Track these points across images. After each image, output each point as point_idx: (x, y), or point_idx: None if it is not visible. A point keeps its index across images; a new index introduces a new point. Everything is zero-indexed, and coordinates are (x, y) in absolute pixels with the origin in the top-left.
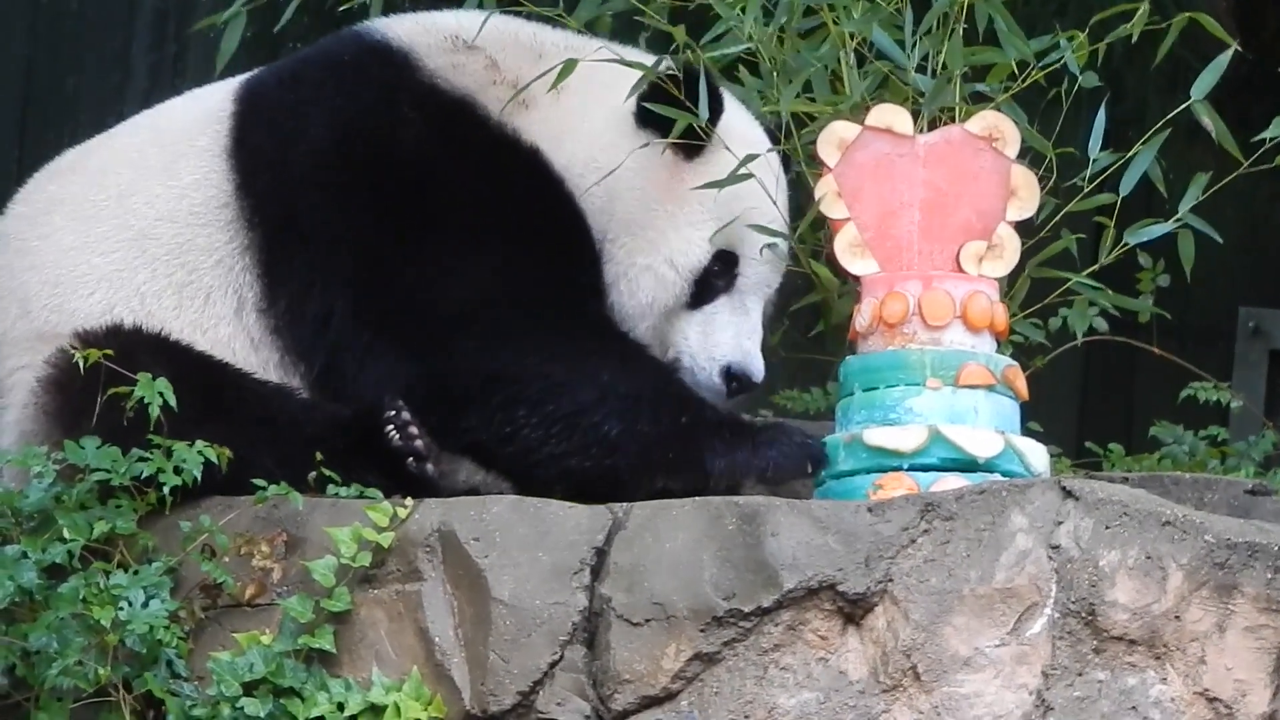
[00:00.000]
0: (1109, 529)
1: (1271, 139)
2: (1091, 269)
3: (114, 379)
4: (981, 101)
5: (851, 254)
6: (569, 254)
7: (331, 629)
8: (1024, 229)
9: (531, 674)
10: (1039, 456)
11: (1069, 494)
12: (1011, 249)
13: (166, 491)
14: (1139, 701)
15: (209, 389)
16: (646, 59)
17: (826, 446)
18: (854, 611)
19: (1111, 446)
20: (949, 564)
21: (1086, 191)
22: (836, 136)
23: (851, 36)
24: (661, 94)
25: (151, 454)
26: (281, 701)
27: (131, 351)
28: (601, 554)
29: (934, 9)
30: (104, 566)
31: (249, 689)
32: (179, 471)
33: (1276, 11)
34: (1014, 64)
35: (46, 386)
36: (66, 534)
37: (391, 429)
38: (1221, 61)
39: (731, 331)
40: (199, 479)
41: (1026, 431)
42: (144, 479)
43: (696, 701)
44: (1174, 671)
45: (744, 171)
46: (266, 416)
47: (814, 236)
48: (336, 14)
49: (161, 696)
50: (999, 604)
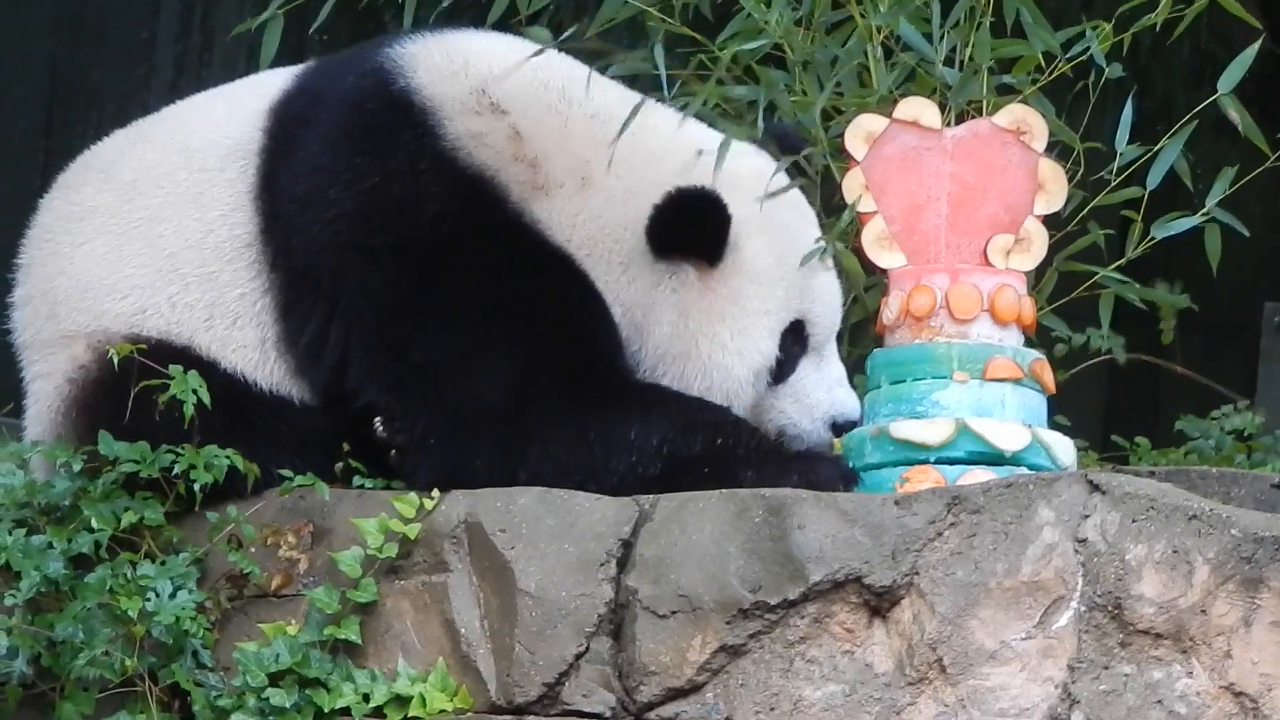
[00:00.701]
0: (1135, 523)
1: None
2: (1119, 263)
3: (144, 378)
4: (1009, 94)
5: (879, 247)
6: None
7: (357, 620)
8: (1051, 222)
9: (557, 665)
10: (1065, 450)
11: (1095, 488)
12: (1039, 242)
13: (197, 488)
14: (1165, 695)
15: (230, 400)
16: (674, 117)
17: (852, 445)
18: (880, 604)
19: (1138, 440)
20: (975, 557)
21: (1114, 185)
22: (864, 130)
23: (878, 30)
24: (671, 214)
25: (182, 449)
26: (307, 692)
27: (160, 357)
28: (627, 546)
29: (961, 2)
30: (131, 557)
31: (275, 680)
32: (210, 468)
33: None
34: (1041, 56)
35: (74, 385)
36: (94, 524)
37: (379, 421)
38: (1248, 55)
39: (823, 389)
40: (219, 481)
41: (1053, 425)
42: (171, 475)
43: (722, 694)
44: (1200, 665)
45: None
46: (275, 423)
47: (843, 230)
48: (363, 8)
49: (187, 687)
50: (1025, 597)
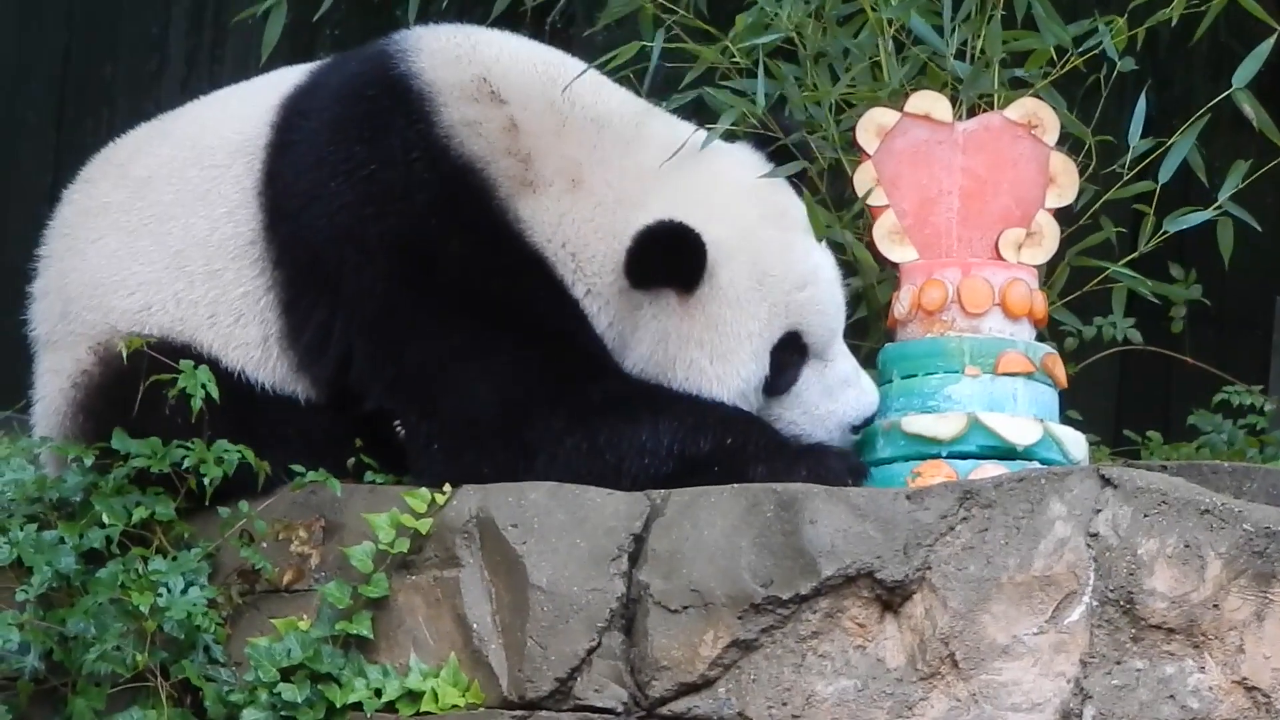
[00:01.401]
0: (1147, 517)
1: None
2: (1130, 257)
3: (153, 373)
4: (1021, 88)
5: (890, 241)
6: (570, 342)
7: (369, 615)
8: (1063, 216)
9: (569, 661)
10: (1077, 444)
11: (1108, 482)
12: (1050, 236)
13: (207, 482)
14: (1177, 690)
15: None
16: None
17: (864, 439)
18: (892, 599)
19: (1150, 435)
20: (987, 552)
21: (1126, 179)
22: (875, 123)
23: (890, 23)
24: (644, 250)
25: (192, 444)
26: (319, 687)
27: (162, 355)
28: (639, 541)
29: None
30: (142, 552)
31: (286, 675)
32: (220, 463)
33: None
34: (1053, 50)
35: (78, 390)
36: (105, 519)
37: (399, 424)
38: (1263, 49)
39: (829, 395)
40: (229, 476)
41: (1065, 419)
42: (182, 470)
43: (734, 689)
44: (1212, 660)
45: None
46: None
47: (853, 224)
48: (373, 3)
49: (198, 682)
50: (1037, 592)
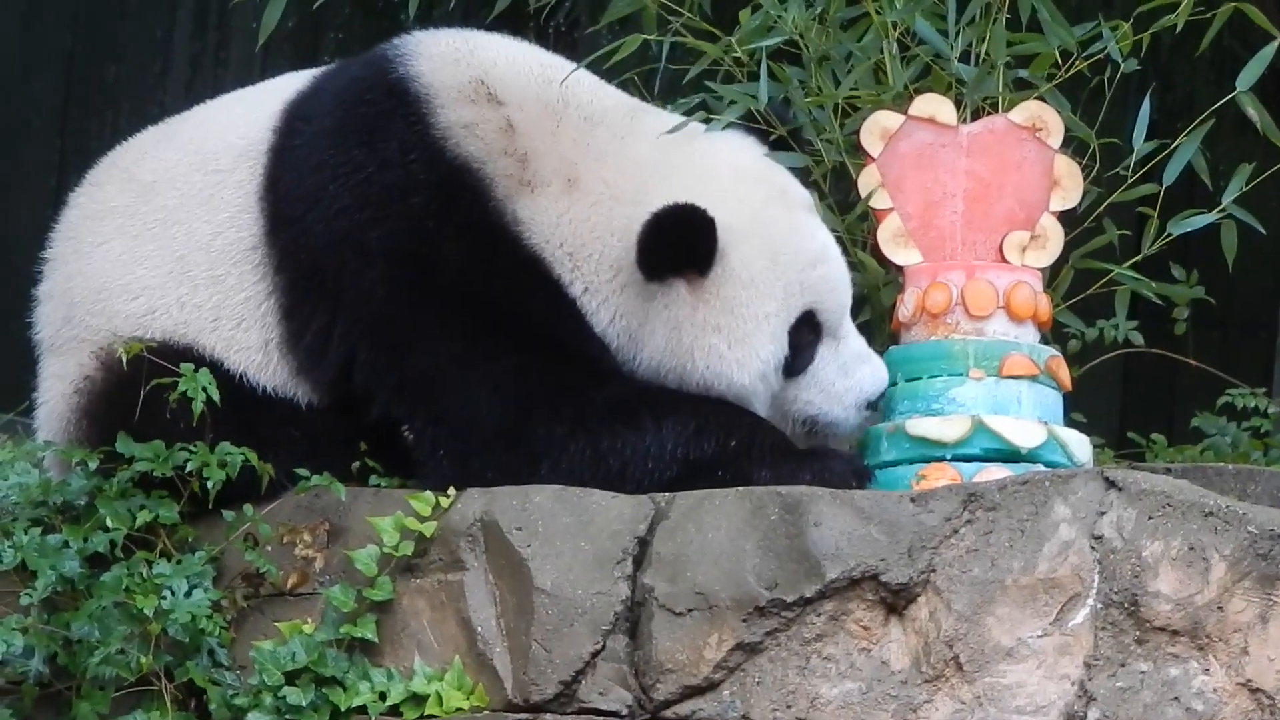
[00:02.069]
0: (1152, 520)
1: None
2: (1134, 259)
3: (154, 378)
4: (1025, 91)
5: (895, 244)
6: (571, 345)
7: (374, 618)
8: (1067, 219)
9: (574, 663)
10: (1082, 447)
11: (1112, 484)
12: (1055, 239)
13: (210, 485)
14: (1181, 692)
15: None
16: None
17: (868, 442)
18: (896, 602)
19: (1154, 437)
20: (992, 554)
21: (1130, 182)
22: (880, 126)
23: (894, 26)
24: (656, 237)
25: (195, 448)
26: (323, 691)
27: (163, 359)
28: (644, 544)
29: None
30: (147, 556)
31: (291, 678)
32: (223, 466)
33: None
34: (1057, 53)
35: (81, 396)
36: (109, 523)
37: (406, 429)
38: (1267, 53)
39: (845, 373)
40: (232, 479)
41: (1069, 422)
42: (185, 474)
43: (738, 691)
44: (1216, 662)
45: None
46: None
47: (859, 226)
48: (376, 7)
49: (203, 685)
50: (1041, 594)
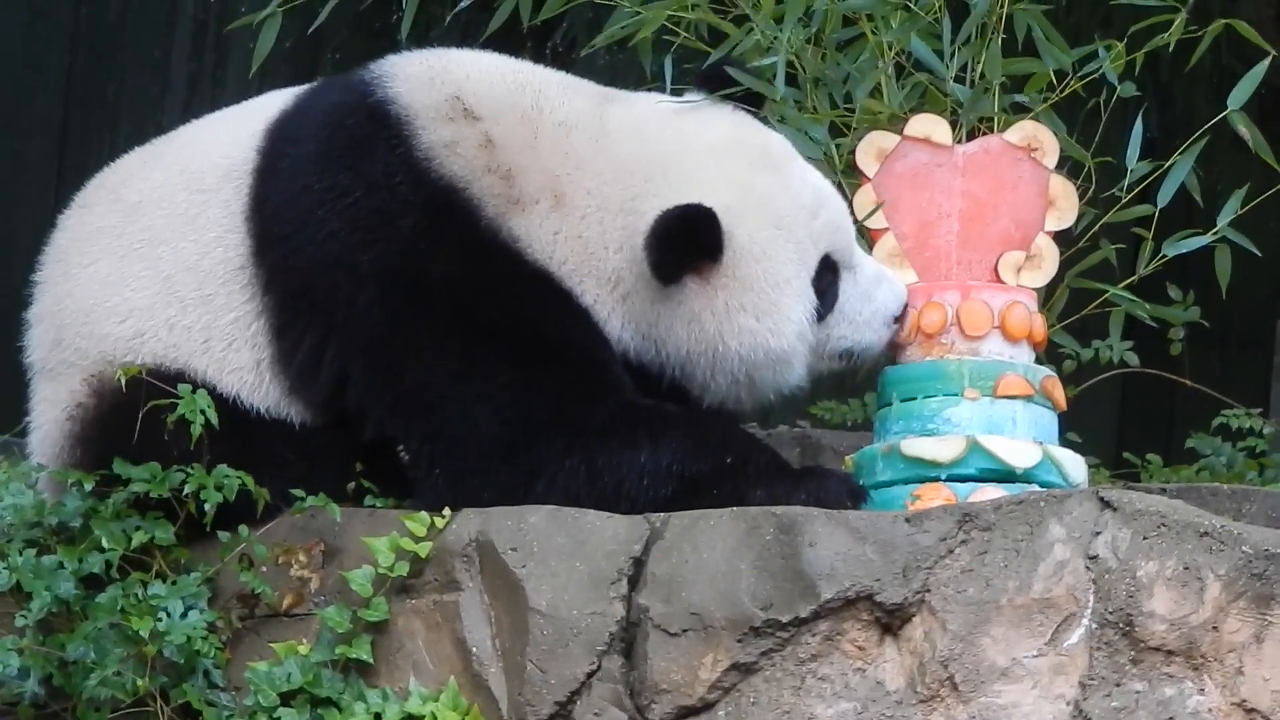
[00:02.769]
0: (1147, 539)
1: None
2: (1129, 280)
3: (149, 400)
4: (1021, 111)
5: (890, 264)
6: (574, 361)
7: (369, 639)
8: (1062, 239)
9: (569, 684)
10: (1077, 467)
11: (1107, 504)
12: (1050, 259)
13: (208, 507)
14: (1176, 712)
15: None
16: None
17: (863, 462)
18: (891, 622)
19: (1149, 457)
20: (987, 574)
21: (1124, 202)
22: (875, 146)
23: (890, 46)
24: (663, 244)
25: (192, 469)
26: (319, 711)
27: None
28: (639, 564)
29: (972, 17)
30: (142, 577)
31: (286, 699)
32: (220, 488)
33: None
34: (1053, 74)
35: (74, 422)
36: (105, 544)
37: (402, 449)
38: (1258, 72)
39: (868, 298)
40: (229, 501)
41: (1065, 442)
42: (181, 496)
43: (733, 712)
44: (1211, 682)
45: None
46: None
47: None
48: (373, 27)
49: (199, 707)
50: (1037, 614)
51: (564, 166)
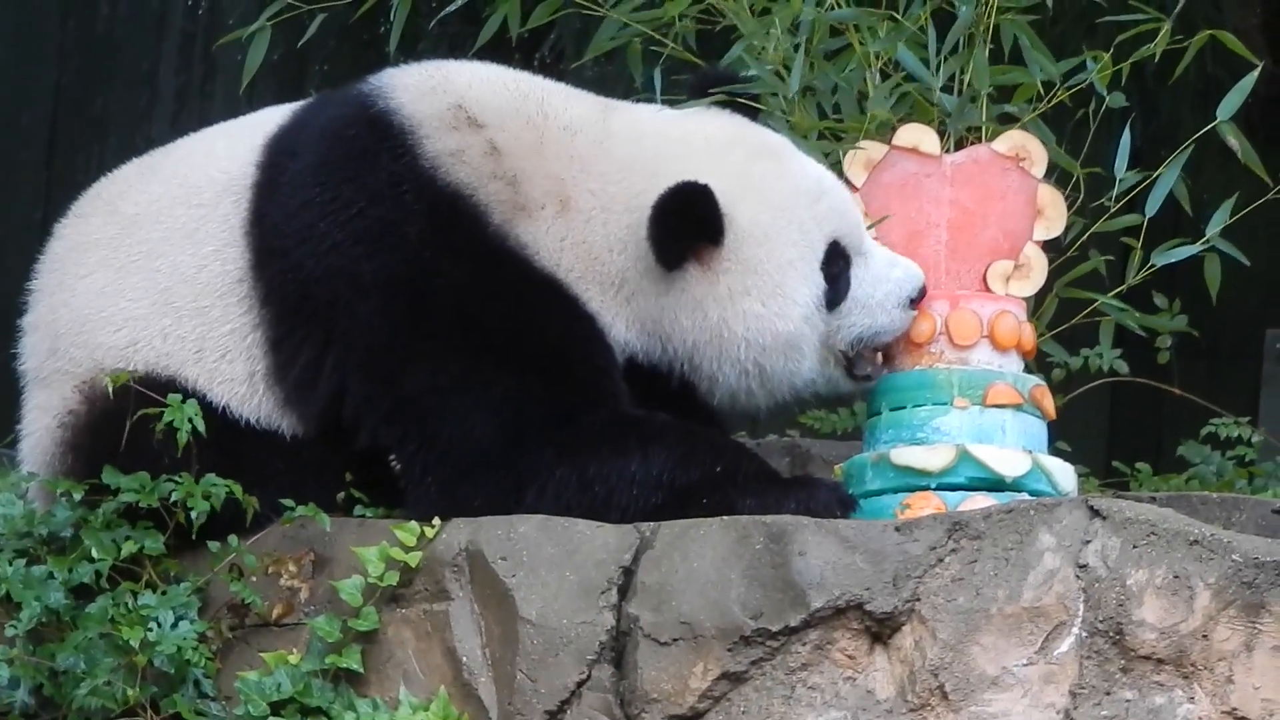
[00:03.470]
0: (1136, 548)
1: None
2: (1119, 289)
3: (139, 409)
4: (1008, 121)
5: None
6: (574, 369)
7: (359, 648)
8: (1051, 248)
9: (559, 693)
10: (1066, 476)
11: (1096, 513)
12: (1038, 268)
13: (195, 516)
14: None
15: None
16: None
17: (853, 471)
18: (881, 631)
19: (1139, 466)
20: (976, 583)
21: (1113, 211)
22: (863, 157)
23: (877, 56)
24: (664, 226)
25: (180, 478)
26: None
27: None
28: (629, 573)
29: (956, 27)
30: (132, 587)
31: (276, 709)
32: (208, 497)
33: None
34: (1040, 84)
35: (65, 430)
36: (95, 554)
37: (394, 459)
38: (1247, 83)
39: (881, 281)
40: (217, 510)
41: (1054, 451)
42: (170, 504)
43: None
44: (1201, 691)
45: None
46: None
47: None
48: (362, 39)
49: (189, 717)
50: (1026, 623)
51: (569, 170)
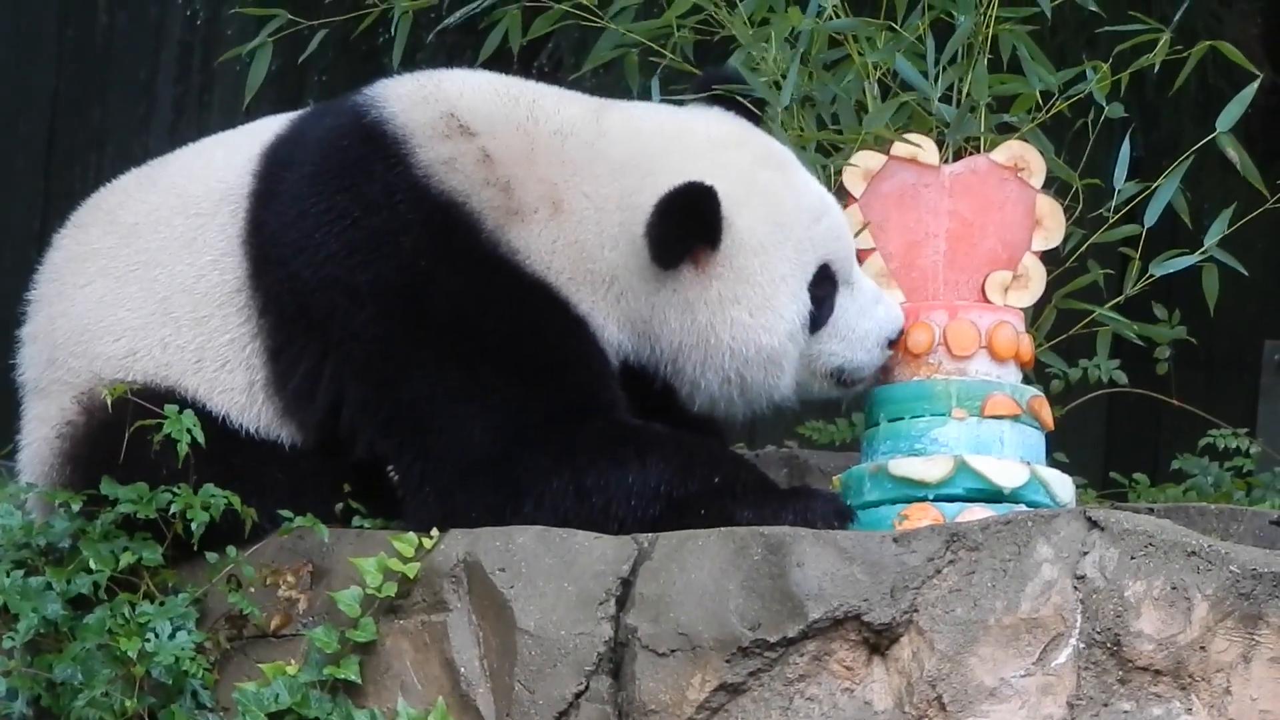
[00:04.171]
0: (1134, 559)
1: None
2: (1116, 300)
3: (137, 420)
4: (1007, 131)
5: (877, 284)
6: (571, 375)
7: (357, 659)
8: (1050, 259)
9: (557, 704)
10: (1064, 487)
11: (1094, 524)
12: (1037, 279)
13: (194, 527)
14: None
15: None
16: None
17: (851, 482)
18: (879, 642)
19: (1137, 477)
20: (974, 594)
21: (1112, 222)
22: (862, 167)
23: (875, 67)
24: (665, 224)
25: (179, 489)
26: None
27: (145, 400)
28: (627, 584)
29: (955, 37)
30: (130, 598)
31: None
32: (207, 508)
33: None
34: (1039, 94)
35: (64, 440)
36: (93, 565)
37: (392, 469)
38: (1247, 94)
39: (864, 315)
40: (215, 520)
41: (1052, 462)
42: (169, 516)
43: None
44: (1199, 702)
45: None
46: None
47: None
48: (360, 50)
49: None
50: (1024, 634)
51: (561, 174)
